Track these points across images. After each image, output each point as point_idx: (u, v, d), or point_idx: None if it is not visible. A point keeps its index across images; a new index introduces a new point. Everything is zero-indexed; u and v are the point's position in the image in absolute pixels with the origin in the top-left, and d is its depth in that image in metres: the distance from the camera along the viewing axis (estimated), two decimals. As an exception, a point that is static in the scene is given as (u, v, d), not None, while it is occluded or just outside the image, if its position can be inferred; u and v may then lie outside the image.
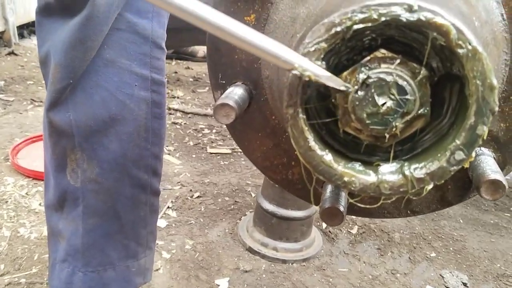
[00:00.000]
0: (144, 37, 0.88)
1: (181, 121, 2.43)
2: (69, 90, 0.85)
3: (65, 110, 0.87)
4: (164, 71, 0.94)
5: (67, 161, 0.91)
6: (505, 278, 1.52)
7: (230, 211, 1.72)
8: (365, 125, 0.43)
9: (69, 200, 0.93)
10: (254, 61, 0.62)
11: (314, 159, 0.45)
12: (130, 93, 0.88)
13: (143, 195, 0.97)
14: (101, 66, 0.85)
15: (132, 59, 0.88)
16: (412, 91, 0.42)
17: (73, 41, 0.81)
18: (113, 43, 0.85)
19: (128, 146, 0.90)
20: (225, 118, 0.56)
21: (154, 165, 0.97)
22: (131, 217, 0.97)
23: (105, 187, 0.91)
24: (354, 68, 0.43)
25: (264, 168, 0.67)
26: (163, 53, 0.93)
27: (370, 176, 0.44)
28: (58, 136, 0.89)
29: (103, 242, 0.96)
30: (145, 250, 1.04)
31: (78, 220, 0.94)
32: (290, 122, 0.44)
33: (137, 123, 0.90)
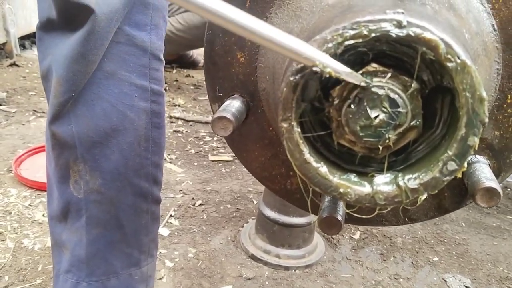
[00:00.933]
0: (143, 49, 0.89)
1: (182, 129, 2.45)
2: (70, 103, 0.87)
3: (67, 123, 0.88)
4: (163, 82, 0.96)
5: (70, 173, 0.92)
6: (508, 281, 1.52)
7: (232, 218, 1.73)
8: (359, 138, 0.44)
9: (73, 211, 0.94)
10: (251, 73, 0.63)
11: (310, 171, 0.45)
12: (130, 104, 0.90)
13: (144, 204, 0.98)
14: (101, 79, 0.87)
15: (131, 71, 0.89)
16: (404, 103, 0.43)
17: (75, 56, 0.83)
18: (113, 56, 0.87)
19: (129, 156, 0.92)
20: (223, 131, 0.57)
21: (155, 174, 0.98)
22: (133, 225, 0.98)
23: (107, 197, 0.93)
24: (347, 82, 0.44)
25: (263, 178, 0.68)
26: (161, 64, 0.95)
27: (365, 187, 0.45)
28: (60, 148, 0.91)
29: (107, 252, 0.97)
30: (147, 257, 1.05)
31: (81, 230, 0.95)
32: (285, 135, 0.45)
33: (138, 133, 0.92)
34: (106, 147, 0.90)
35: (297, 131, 0.44)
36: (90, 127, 0.88)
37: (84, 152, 0.89)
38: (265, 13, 0.60)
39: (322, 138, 0.49)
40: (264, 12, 0.60)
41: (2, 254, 1.40)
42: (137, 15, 0.87)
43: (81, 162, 0.90)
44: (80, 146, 0.89)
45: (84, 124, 0.88)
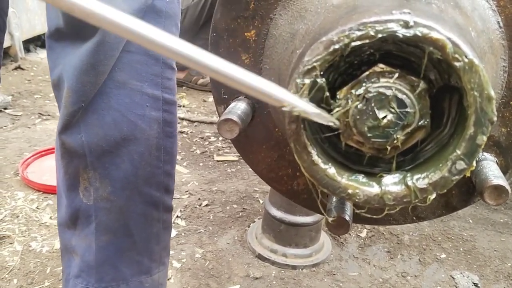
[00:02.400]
0: (155, 58, 0.89)
1: (187, 130, 2.45)
2: (80, 113, 0.87)
3: (77, 132, 0.88)
4: (175, 90, 0.95)
5: (80, 180, 0.92)
6: (516, 278, 1.52)
7: (239, 218, 1.73)
8: (367, 138, 0.44)
9: (82, 217, 0.95)
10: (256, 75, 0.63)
11: (318, 173, 0.45)
12: (142, 114, 0.89)
13: (155, 212, 0.98)
14: (112, 88, 0.87)
15: (143, 80, 0.89)
16: (412, 103, 0.43)
17: (84, 66, 0.82)
18: (124, 66, 0.86)
19: (139, 165, 0.92)
20: (229, 133, 0.57)
21: (166, 183, 0.98)
22: (144, 234, 0.98)
23: (117, 205, 0.93)
24: (354, 83, 0.44)
25: (270, 179, 0.68)
26: (174, 73, 0.94)
27: (373, 187, 0.45)
28: (70, 157, 0.91)
29: (116, 259, 0.97)
30: (159, 265, 1.05)
31: (91, 237, 0.95)
32: (293, 137, 0.45)
33: (149, 143, 0.92)
34: (116, 156, 0.90)
35: (304, 132, 0.44)
36: (100, 137, 0.88)
37: (94, 160, 0.89)
38: (269, 15, 0.60)
39: (329, 139, 0.49)
40: (268, 13, 0.60)
41: (10, 257, 1.41)
42: (149, 23, 0.87)
43: (91, 170, 0.90)
44: (90, 154, 0.89)
45: (94, 134, 0.88)
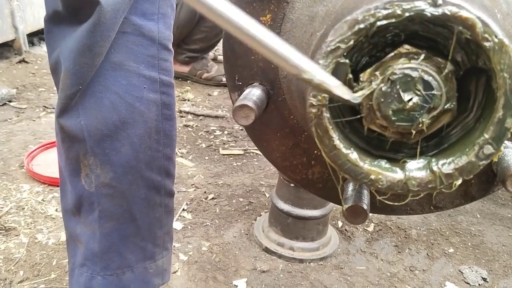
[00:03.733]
0: (151, 39, 0.88)
1: (192, 124, 2.44)
2: (78, 96, 0.86)
3: (76, 116, 0.87)
4: (172, 72, 0.94)
5: (81, 166, 0.91)
6: (525, 272, 1.50)
7: (245, 212, 1.72)
8: (391, 122, 0.43)
9: (85, 204, 0.94)
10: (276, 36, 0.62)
11: (340, 158, 0.44)
12: (139, 96, 0.88)
13: (157, 197, 0.97)
14: (109, 70, 0.86)
15: (139, 62, 0.88)
16: (438, 86, 0.41)
17: (81, 48, 0.81)
18: (120, 46, 0.85)
19: (140, 149, 0.91)
20: (244, 120, 0.56)
21: (167, 166, 0.97)
22: (147, 219, 0.97)
23: (119, 191, 0.92)
24: (378, 65, 0.43)
25: (284, 168, 0.66)
26: (170, 54, 0.93)
27: (397, 173, 0.44)
28: (70, 141, 0.90)
29: (121, 245, 0.97)
30: (162, 251, 1.04)
31: (95, 224, 0.94)
32: (314, 121, 0.44)
33: (148, 125, 0.91)
34: (115, 140, 0.89)
35: (326, 116, 0.43)
36: (98, 120, 0.87)
37: (94, 145, 0.88)
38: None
39: (351, 124, 0.47)
40: (286, -4, 0.59)
41: (16, 249, 1.40)
42: (144, 4, 0.86)
43: (91, 156, 0.89)
44: (89, 139, 0.88)
45: (92, 117, 0.87)
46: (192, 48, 3.09)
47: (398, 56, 0.42)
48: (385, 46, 0.44)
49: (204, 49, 3.15)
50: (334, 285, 1.41)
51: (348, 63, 0.42)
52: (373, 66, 0.43)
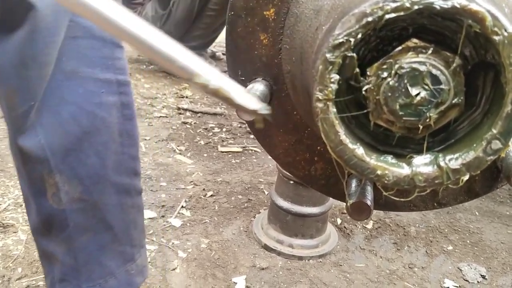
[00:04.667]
0: (102, 39, 0.83)
1: (191, 121, 2.43)
2: (33, 113, 0.79)
3: (34, 135, 0.81)
4: (127, 70, 0.90)
5: (46, 186, 0.86)
6: (524, 270, 1.51)
7: (244, 209, 1.71)
8: (398, 117, 0.42)
9: (56, 222, 0.89)
10: (275, 55, 0.61)
11: (346, 153, 0.44)
12: (99, 102, 0.84)
13: (129, 199, 0.94)
14: (63, 80, 0.80)
15: (94, 66, 0.83)
16: (446, 80, 0.41)
17: (23, 60, 0.75)
18: (72, 53, 0.80)
19: (105, 156, 0.87)
20: (247, 115, 0.56)
21: (134, 167, 0.94)
22: (122, 223, 0.94)
23: (91, 203, 0.88)
24: (385, 59, 0.42)
25: (287, 164, 0.66)
26: (122, 51, 0.88)
27: (403, 168, 0.44)
28: (32, 163, 0.84)
29: (100, 255, 0.94)
30: (139, 249, 1.01)
31: (68, 240, 0.90)
32: (320, 116, 0.43)
33: (111, 130, 0.87)
34: (80, 152, 0.84)
35: (333, 111, 0.43)
36: (59, 135, 0.81)
37: (58, 163, 0.83)
38: (290, -8, 0.58)
39: (357, 119, 0.47)
40: (289, -10, 0.58)
41: (14, 246, 1.39)
42: None
43: (56, 174, 0.84)
44: (53, 157, 0.82)
45: (52, 133, 0.81)
46: (190, 45, 3.08)
47: (406, 50, 0.42)
48: (392, 40, 0.44)
49: (202, 46, 3.15)
50: (333, 282, 1.40)
51: (356, 57, 0.42)
52: (380, 60, 0.42)
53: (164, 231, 1.54)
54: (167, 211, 1.65)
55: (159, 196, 1.73)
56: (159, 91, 2.83)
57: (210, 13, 2.91)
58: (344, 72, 0.43)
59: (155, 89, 2.87)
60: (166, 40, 0.34)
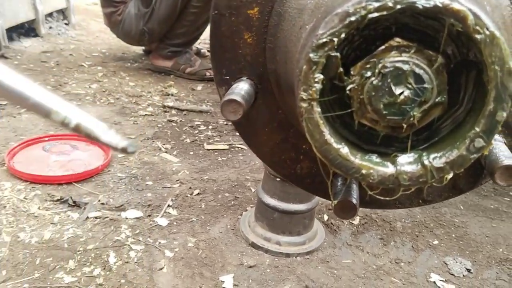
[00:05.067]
0: None
1: (176, 119, 2.41)
2: None
3: None
4: None
5: None
6: (508, 263, 1.52)
7: (231, 207, 1.71)
8: (382, 116, 0.42)
9: None
10: (259, 55, 0.61)
11: (331, 153, 0.44)
12: None
13: None
14: None
15: None
16: (430, 79, 0.41)
17: None
18: None
19: None
20: (232, 115, 0.55)
21: None
22: None
23: None
24: (369, 58, 0.42)
25: (272, 163, 0.66)
26: None
27: (388, 167, 0.44)
28: None
29: None
30: None
31: None
32: (304, 116, 0.43)
33: None
34: None
35: (317, 111, 0.43)
36: None
37: None
38: (274, -9, 0.58)
39: (341, 118, 0.47)
40: (273, -10, 0.58)
41: (-2, 249, 1.37)
42: None
43: None
44: None
45: None
46: (174, 43, 3.06)
47: (389, 49, 0.42)
48: (375, 39, 0.44)
49: (187, 43, 3.13)
50: (321, 278, 1.41)
51: (339, 56, 0.41)
52: (363, 60, 0.42)
53: (151, 231, 1.53)
54: (153, 210, 1.64)
55: (145, 195, 1.72)
56: (144, 89, 2.81)
57: (193, 10, 2.89)
58: (328, 72, 0.42)
59: (140, 87, 2.85)
60: (18, 78, 0.32)
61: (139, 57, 3.47)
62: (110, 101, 2.58)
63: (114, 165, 1.90)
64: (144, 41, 3.10)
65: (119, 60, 3.36)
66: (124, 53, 3.50)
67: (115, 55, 3.47)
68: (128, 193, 1.72)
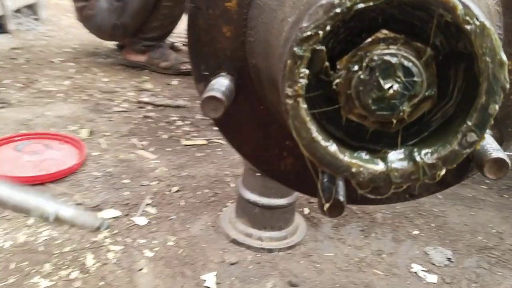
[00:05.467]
0: None
1: (152, 114, 2.37)
2: None
3: None
4: None
5: None
6: (487, 250, 1.54)
7: (211, 203, 1.68)
8: (371, 111, 0.41)
9: None
10: (239, 49, 0.59)
11: (318, 151, 0.42)
12: None
13: None
14: None
15: None
16: (419, 72, 0.40)
17: None
18: None
19: None
20: (213, 112, 0.53)
21: None
22: None
23: None
24: (355, 51, 0.40)
25: (256, 161, 0.64)
26: None
27: (378, 165, 0.42)
28: None
29: None
30: None
31: None
32: (290, 113, 0.41)
33: None
34: None
35: (303, 107, 0.41)
36: None
37: None
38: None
39: (327, 114, 0.45)
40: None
41: (-30, 255, 1.32)
42: None
43: None
44: None
45: None
46: (148, 37, 3.00)
47: (376, 42, 0.40)
48: (361, 31, 0.42)
49: (161, 37, 3.07)
50: (304, 273, 1.40)
51: (325, 50, 0.39)
52: (350, 53, 0.41)
53: (129, 231, 1.49)
54: (131, 209, 1.60)
55: (122, 194, 1.68)
56: (118, 85, 2.75)
57: (167, 3, 2.84)
58: (314, 66, 0.40)
59: (113, 82, 2.78)
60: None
61: (112, 52, 3.39)
62: (83, 98, 2.51)
63: (89, 164, 1.85)
64: (117, 36, 3.03)
65: (91, 55, 3.28)
66: (97, 48, 3.42)
67: (88, 51, 3.39)
68: (104, 192, 1.68)
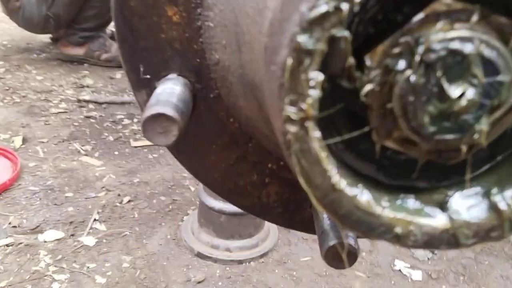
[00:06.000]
0: None
1: (95, 114, 2.14)
2: None
3: None
4: None
5: None
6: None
7: (169, 212, 1.50)
8: (427, 136, 0.24)
9: None
10: (193, 38, 0.41)
11: (342, 205, 0.25)
12: None
13: None
14: None
15: None
16: (506, 66, 0.24)
17: None
18: None
19: None
20: (163, 137, 0.36)
21: None
22: None
23: None
24: (399, 36, 0.24)
25: (227, 192, 0.46)
26: None
27: (436, 218, 0.26)
28: None
29: None
30: None
31: None
32: (294, 148, 0.24)
33: None
34: None
35: (316, 137, 0.24)
36: None
37: None
38: None
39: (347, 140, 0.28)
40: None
41: None
42: None
43: None
44: None
45: None
46: (85, 27, 2.73)
47: (433, 19, 0.23)
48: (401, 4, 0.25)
49: (99, 26, 2.80)
50: (280, 284, 1.26)
51: (349, 37, 0.23)
52: (388, 39, 0.24)
53: (76, 254, 1.29)
54: (77, 228, 1.39)
55: (66, 210, 1.46)
56: (55, 83, 2.48)
57: (103, -12, 2.58)
58: (330, 67, 0.24)
59: (49, 80, 2.51)
60: None
61: (46, 46, 3.09)
62: (15, 100, 2.24)
63: (25, 177, 1.62)
64: (50, 28, 2.74)
65: (23, 51, 2.97)
66: (29, 43, 3.11)
67: (18, 47, 3.07)
68: (44, 209, 1.46)
